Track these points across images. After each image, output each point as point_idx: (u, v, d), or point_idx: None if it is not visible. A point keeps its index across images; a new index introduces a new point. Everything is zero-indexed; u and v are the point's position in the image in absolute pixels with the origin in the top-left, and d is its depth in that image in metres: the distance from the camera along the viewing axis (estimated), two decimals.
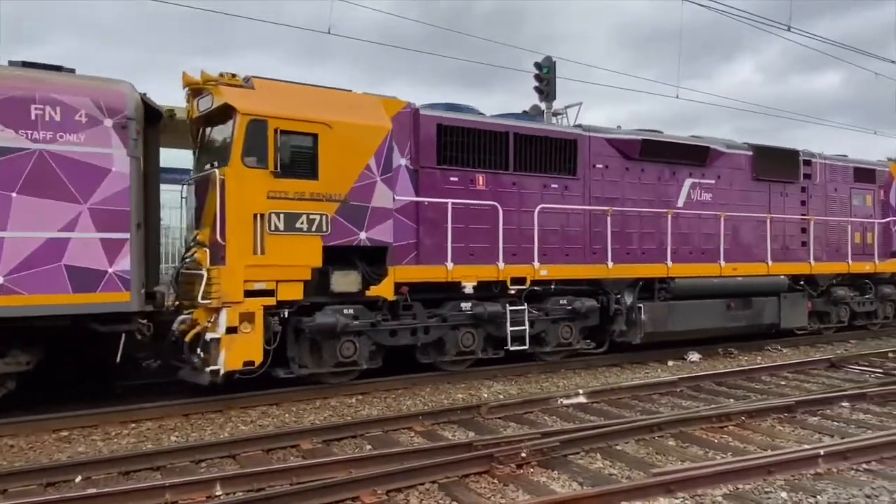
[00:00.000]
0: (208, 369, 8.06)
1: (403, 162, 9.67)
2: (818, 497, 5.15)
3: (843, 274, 14.73)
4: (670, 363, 11.91)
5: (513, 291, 10.48)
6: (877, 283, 15.40)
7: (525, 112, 17.78)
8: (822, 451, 5.95)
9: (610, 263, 11.36)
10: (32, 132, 7.25)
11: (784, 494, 5.23)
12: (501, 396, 9.16)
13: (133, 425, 7.61)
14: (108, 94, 7.71)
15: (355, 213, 9.01)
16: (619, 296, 11.61)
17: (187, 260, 8.76)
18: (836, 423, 7.64)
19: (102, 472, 5.89)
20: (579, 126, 11.92)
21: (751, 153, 13.50)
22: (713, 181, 12.89)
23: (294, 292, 8.58)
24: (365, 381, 9.53)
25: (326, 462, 5.85)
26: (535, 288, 10.73)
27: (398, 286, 9.44)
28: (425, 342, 9.91)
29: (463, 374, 10.32)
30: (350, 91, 9.44)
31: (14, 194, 7.14)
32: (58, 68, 7.82)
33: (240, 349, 8.16)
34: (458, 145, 10.14)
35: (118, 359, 7.94)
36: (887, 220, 15.56)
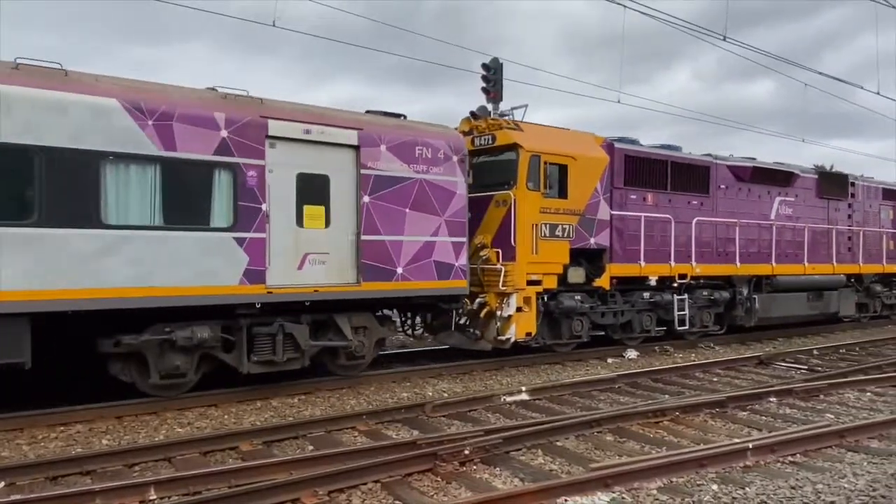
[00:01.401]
0: (502, 336, 10.95)
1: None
2: (747, 489, 5.38)
3: (878, 273, 18.38)
4: (609, 360, 12.21)
5: (675, 285, 13.46)
6: None
7: (472, 113, 17.90)
8: (750, 445, 6.22)
9: (738, 263, 14.54)
10: (416, 166, 9.92)
11: (715, 487, 5.44)
12: (446, 395, 9.20)
13: (61, 428, 7.28)
14: (454, 138, 10.61)
15: (588, 223, 12.02)
16: (739, 289, 14.66)
17: (482, 258, 11.16)
18: (764, 417, 8.00)
19: (28, 478, 5.62)
20: (709, 155, 14.78)
21: (816, 176, 16.88)
22: (793, 199, 16.16)
23: (552, 282, 11.55)
24: (308, 381, 9.41)
25: (266, 464, 5.75)
26: (692, 282, 13.68)
27: (611, 279, 12.40)
28: (621, 322, 12.81)
29: (406, 373, 10.31)
30: (575, 130, 12.57)
31: (407, 210, 9.81)
32: (398, 115, 10.40)
33: (524, 323, 11.10)
34: (636, 170, 12.90)
35: (453, 328, 11.05)
36: None
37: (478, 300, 10.99)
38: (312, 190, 9.00)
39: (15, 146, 6.98)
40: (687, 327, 13.47)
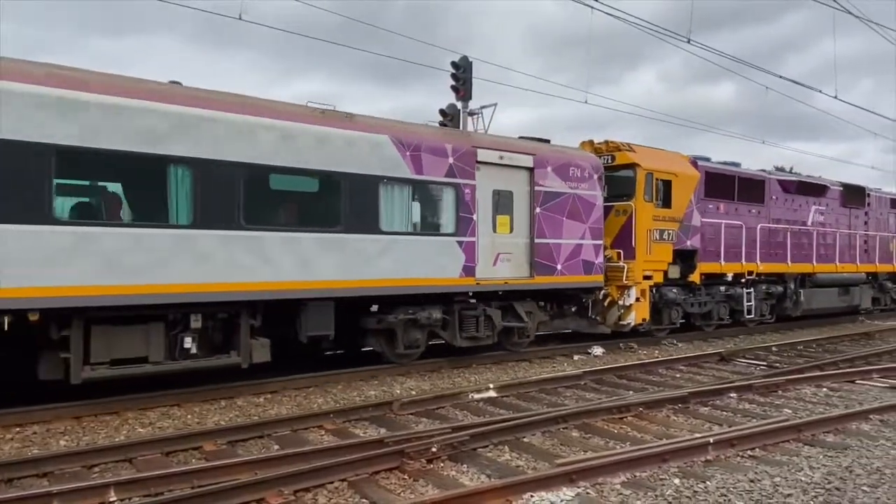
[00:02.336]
0: (623, 322, 13.49)
1: None
2: (707, 483, 5.50)
3: (889, 272, 21.63)
4: (576, 357, 12.36)
5: (744, 280, 15.99)
6: None
7: (442, 111, 17.89)
8: (711, 440, 6.36)
9: (789, 262, 17.31)
10: (570, 183, 12.29)
11: (677, 481, 5.55)
12: (414, 392, 9.19)
13: (17, 429, 7.07)
14: (595, 160, 13.01)
15: (685, 229, 14.58)
16: (789, 284, 17.45)
17: (606, 257, 13.30)
18: (724, 412, 8.19)
19: None
20: (763, 170, 17.66)
21: (841, 188, 19.64)
22: (825, 208, 18.91)
23: (659, 277, 14.14)
24: (275, 380, 9.31)
25: (230, 463, 5.67)
26: (754, 277, 16.24)
27: (701, 275, 14.96)
28: (702, 312, 15.35)
29: (374, 371, 10.28)
30: (670, 151, 15.02)
31: (564, 218, 12.18)
32: (546, 141, 12.75)
33: (640, 311, 13.65)
34: (713, 184, 15.49)
35: (597, 317, 13.58)
36: None
37: (602, 291, 13.31)
38: (502, 203, 11.47)
39: (328, 172, 9.33)
40: (752, 315, 16.24)
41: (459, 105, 17.88)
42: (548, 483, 5.28)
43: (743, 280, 16.01)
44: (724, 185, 15.87)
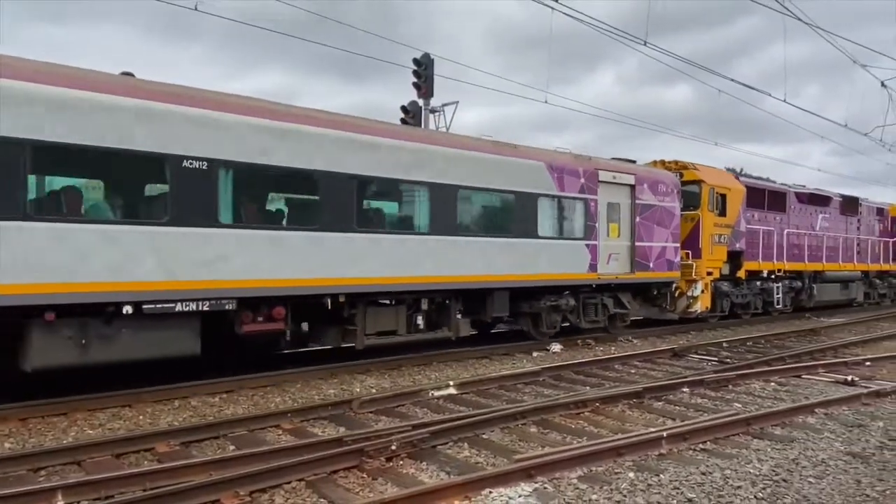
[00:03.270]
0: (691, 309, 16.52)
1: None
2: (661, 476, 5.63)
3: (876, 270, 25.30)
4: (535, 354, 12.49)
5: (774, 276, 19.57)
6: (887, 276, 26.52)
7: (403, 108, 17.81)
8: (665, 434, 6.51)
9: (806, 261, 20.83)
10: (658, 196, 15.29)
11: (632, 475, 5.66)
12: (374, 390, 9.14)
13: None
14: (674, 178, 16.05)
15: (735, 234, 17.84)
16: (805, 280, 20.99)
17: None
18: (677, 407, 8.39)
19: None
20: (786, 184, 21.26)
21: (840, 199, 23.55)
22: (828, 216, 22.64)
23: (716, 274, 17.33)
24: (230, 379, 9.14)
25: (184, 465, 5.54)
26: (780, 274, 19.71)
27: (745, 272, 18.37)
28: (742, 302, 18.62)
29: (333, 369, 10.20)
30: (722, 169, 19.11)
31: (654, 225, 15.09)
32: (632, 161, 15.79)
33: (704, 301, 16.72)
34: (752, 197, 18.84)
35: (667, 306, 16.34)
36: (891, 239, 26.30)
37: (674, 284, 16.18)
38: (612, 213, 14.30)
39: (504, 190, 12.19)
40: (780, 306, 19.86)
41: (421, 102, 17.86)
42: (506, 479, 5.33)
43: (773, 276, 19.57)
44: (758, 196, 19.34)
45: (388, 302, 10.90)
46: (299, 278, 9.41)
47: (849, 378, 10.07)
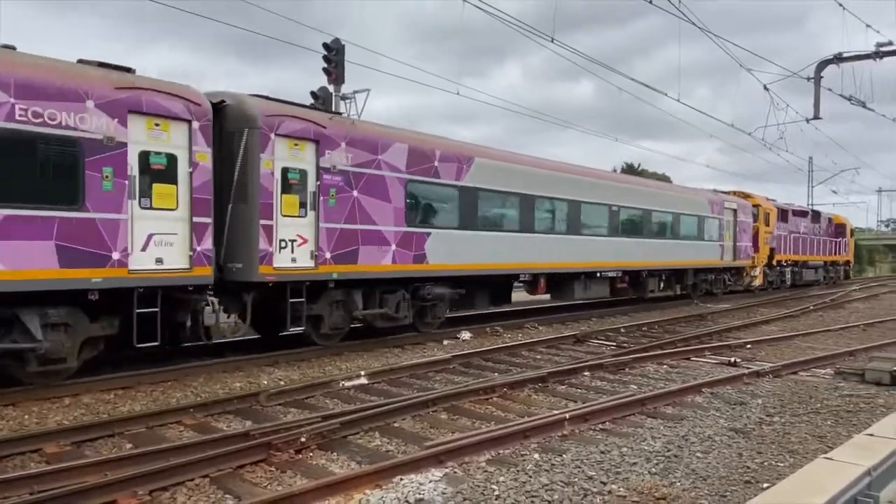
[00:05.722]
0: (753, 284, 27.06)
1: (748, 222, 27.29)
2: (564, 456, 5.89)
3: (829, 261, 36.01)
4: (445, 342, 12.66)
5: (785, 263, 29.69)
6: (838, 265, 38.04)
7: (313, 94, 17.40)
8: (567, 416, 6.81)
9: (799, 254, 31.02)
10: (745, 216, 25.28)
11: (537, 456, 5.89)
12: (282, 382, 8.96)
13: None
14: (749, 205, 26.35)
15: (773, 238, 28.19)
16: (798, 266, 31.61)
17: None
18: (579, 390, 8.79)
19: None
20: (788, 203, 31.72)
21: (811, 212, 34.94)
22: (805, 224, 32.50)
23: (763, 261, 27.33)
24: (126, 374, 8.67)
25: (76, 465, 5.22)
26: (789, 263, 30.35)
27: (777, 262, 28.99)
28: (771, 280, 28.82)
29: (238, 363, 9.90)
30: (762, 196, 29.64)
31: (742, 233, 25.12)
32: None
33: (760, 279, 27.30)
34: (779, 214, 28.93)
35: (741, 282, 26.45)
36: (835, 239, 36.97)
37: (745, 268, 25.74)
38: (728, 226, 23.73)
39: (675, 213, 21.14)
40: (788, 284, 30.26)
41: (332, 89, 17.53)
42: (417, 465, 5.40)
43: (785, 263, 29.76)
44: (780, 213, 29.08)
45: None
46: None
47: (732, 360, 10.91)
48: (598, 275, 17.44)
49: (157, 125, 8.58)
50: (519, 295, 17.00)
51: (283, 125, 10.01)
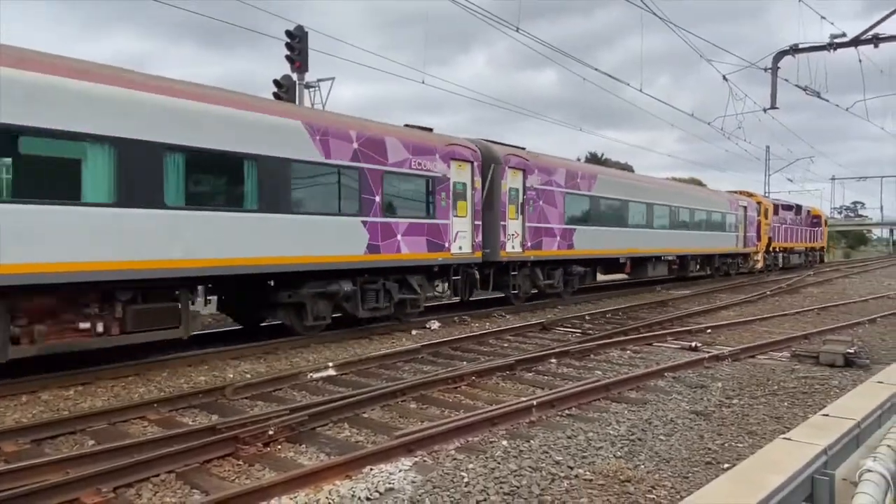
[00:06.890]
0: (756, 267, 32.69)
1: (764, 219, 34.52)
2: (531, 441, 5.98)
3: (808, 247, 41.61)
4: (414, 332, 12.68)
5: (778, 250, 36.22)
6: (815, 251, 43.81)
7: (276, 82, 17.11)
8: (535, 402, 6.90)
9: (787, 242, 37.21)
10: (754, 212, 31.84)
11: (505, 442, 5.96)
12: (249, 375, 8.86)
13: None
14: (755, 203, 33.34)
15: (771, 228, 34.94)
16: (787, 252, 37.74)
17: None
18: (546, 377, 8.91)
19: None
20: (778, 200, 40.17)
21: (795, 205, 40.25)
22: (792, 216, 38.70)
23: (764, 248, 33.41)
24: (85, 370, 8.46)
25: (36, 464, 5.09)
26: (779, 249, 36.46)
27: (775, 248, 35.65)
28: (769, 263, 34.63)
29: (203, 356, 9.75)
30: (760, 196, 37.10)
31: (753, 224, 32.36)
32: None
33: (761, 262, 33.06)
34: (775, 209, 35.85)
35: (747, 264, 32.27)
36: (811, 228, 41.96)
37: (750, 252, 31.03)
38: (740, 220, 30.06)
39: (709, 211, 27.51)
40: (780, 266, 35.31)
41: (295, 77, 17.26)
42: (386, 455, 5.42)
43: (778, 250, 35.12)
44: (775, 208, 34.34)
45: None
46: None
47: (693, 344, 11.19)
48: (661, 258, 23.08)
49: (459, 166, 13.99)
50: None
51: (511, 161, 15.65)
